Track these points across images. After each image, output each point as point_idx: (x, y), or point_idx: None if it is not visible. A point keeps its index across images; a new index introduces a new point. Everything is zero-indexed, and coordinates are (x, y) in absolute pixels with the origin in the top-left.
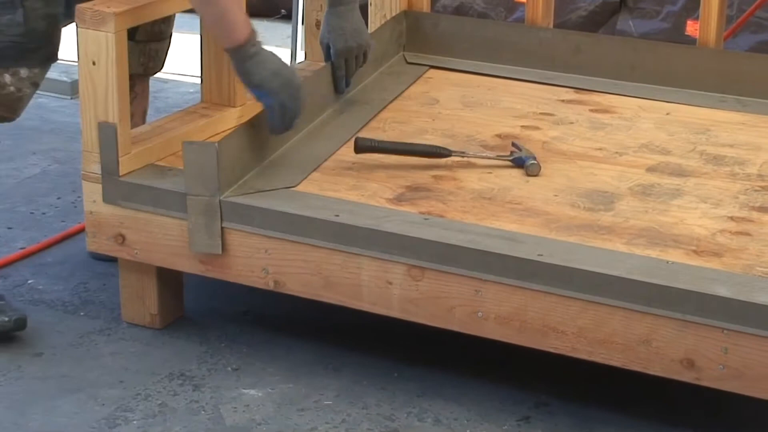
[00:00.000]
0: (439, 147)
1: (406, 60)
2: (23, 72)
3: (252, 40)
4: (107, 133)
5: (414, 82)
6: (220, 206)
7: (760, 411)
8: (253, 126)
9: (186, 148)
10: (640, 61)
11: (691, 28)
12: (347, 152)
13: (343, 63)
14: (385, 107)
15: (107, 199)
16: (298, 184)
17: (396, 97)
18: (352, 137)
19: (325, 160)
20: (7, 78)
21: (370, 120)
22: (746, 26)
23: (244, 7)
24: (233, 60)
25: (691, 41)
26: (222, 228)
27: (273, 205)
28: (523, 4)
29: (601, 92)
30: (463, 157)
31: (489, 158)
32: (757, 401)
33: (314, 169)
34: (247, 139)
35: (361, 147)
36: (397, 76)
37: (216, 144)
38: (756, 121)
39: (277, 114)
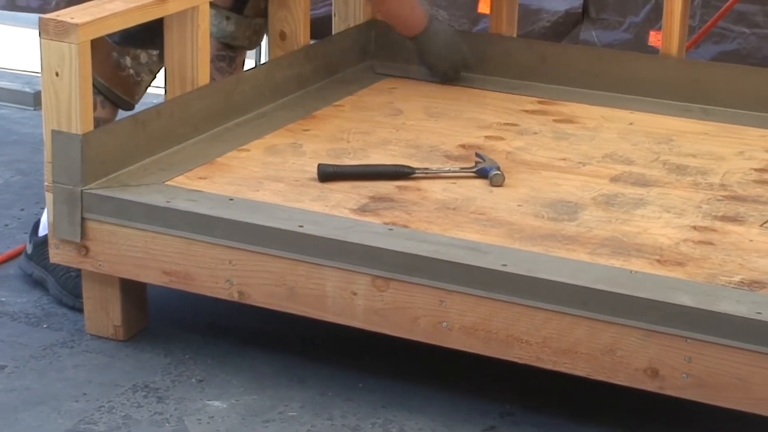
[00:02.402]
0: (403, 166)
1: (374, 69)
2: (143, 57)
3: (426, 28)
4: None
5: (357, 91)
6: (81, 197)
7: (723, 420)
8: (136, 121)
9: (54, 136)
10: (605, 71)
11: (654, 38)
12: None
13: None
14: (311, 114)
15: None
16: (165, 182)
17: (328, 105)
18: (255, 140)
19: (210, 161)
20: (128, 61)
21: (282, 127)
22: (708, 36)
23: (412, 8)
24: (413, 43)
25: (654, 52)
26: (187, 238)
27: (236, 216)
28: (486, 15)
29: (565, 102)
30: (426, 173)
31: (453, 172)
32: (720, 410)
33: (189, 169)
34: (125, 133)
35: (323, 174)
36: (347, 84)
37: (81, 135)
38: (719, 130)
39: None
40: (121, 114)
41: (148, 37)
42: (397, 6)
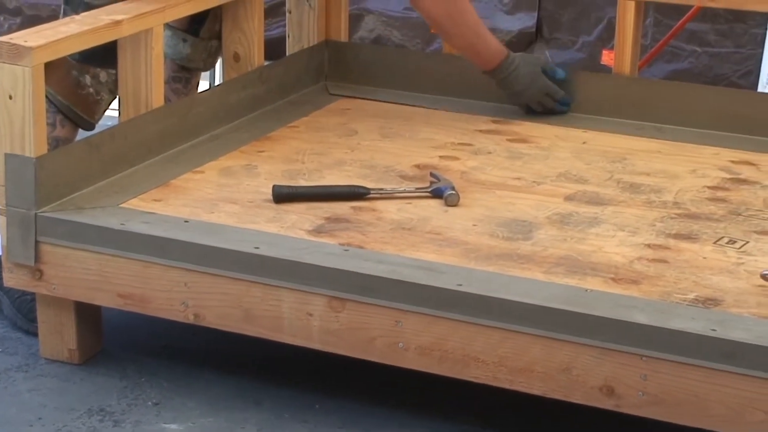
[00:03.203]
0: (358, 187)
1: (328, 90)
2: (103, 76)
3: (504, 62)
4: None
5: (312, 112)
6: (35, 220)
7: None
8: (90, 144)
9: (7, 159)
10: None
11: (607, 57)
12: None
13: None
14: (265, 136)
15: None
16: (119, 204)
17: (283, 126)
18: (210, 162)
19: (164, 183)
20: (88, 79)
21: (237, 148)
22: (661, 55)
23: (483, 41)
24: (493, 78)
25: (606, 71)
26: (139, 260)
27: (191, 238)
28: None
29: (519, 121)
30: (381, 194)
31: (408, 193)
32: (677, 427)
33: (144, 192)
34: (79, 156)
35: (278, 195)
36: (301, 105)
37: (35, 158)
38: (672, 148)
39: (541, 109)
40: (77, 136)
41: (108, 56)
42: (461, 41)
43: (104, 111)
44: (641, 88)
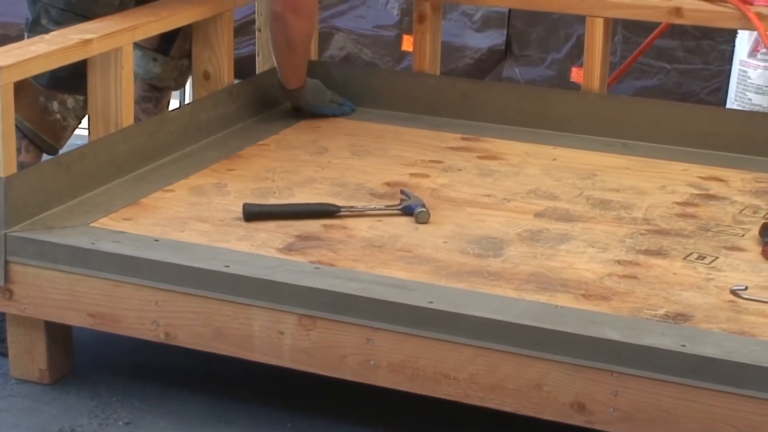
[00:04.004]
0: (329, 204)
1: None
2: (70, 102)
3: (304, 84)
4: None
5: (282, 130)
6: (5, 240)
7: None
8: (60, 164)
9: None
10: (528, 107)
11: (576, 74)
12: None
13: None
14: (235, 154)
15: None
16: (89, 224)
17: (253, 145)
18: (180, 180)
19: (134, 202)
20: (55, 105)
21: (207, 167)
22: (630, 72)
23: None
24: (289, 93)
25: (576, 88)
26: (109, 279)
27: (162, 257)
28: (410, 53)
29: (489, 138)
30: (352, 211)
31: (378, 210)
32: None
33: (114, 211)
34: (48, 175)
35: (249, 214)
36: (271, 123)
37: (4, 178)
38: (641, 165)
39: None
40: (46, 155)
41: (75, 81)
42: (299, 59)
43: (69, 136)
44: (610, 104)
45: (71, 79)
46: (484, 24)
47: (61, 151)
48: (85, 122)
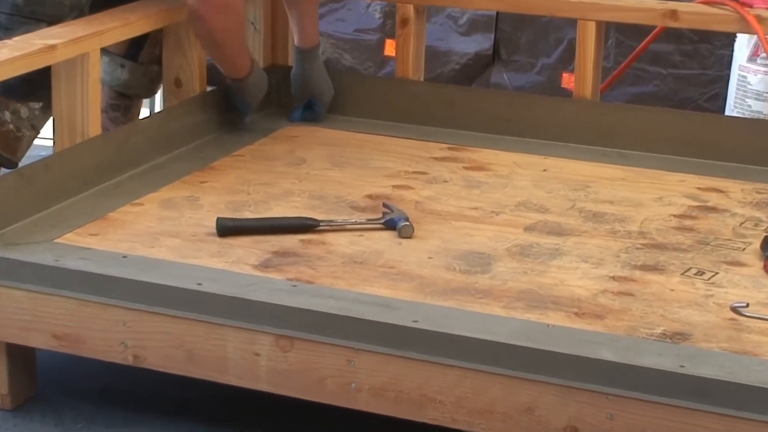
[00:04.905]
0: (307, 218)
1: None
2: (24, 111)
3: (247, 75)
4: None
5: (257, 140)
6: None
7: None
8: (22, 176)
9: None
10: (517, 115)
11: (567, 80)
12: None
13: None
14: (208, 165)
15: None
16: (54, 240)
17: (227, 155)
18: (149, 194)
19: (101, 216)
20: (7, 115)
21: (178, 179)
22: (624, 78)
23: (245, 46)
24: (232, 84)
25: (567, 95)
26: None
27: (130, 274)
28: (392, 58)
29: (476, 148)
30: (332, 226)
31: (359, 224)
32: None
33: (80, 226)
34: (10, 189)
35: (223, 228)
36: (246, 133)
37: None
38: (636, 175)
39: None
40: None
41: (28, 88)
42: (230, 51)
43: (27, 148)
44: (603, 112)
45: (23, 86)
46: (471, 28)
47: (23, 163)
48: (49, 132)
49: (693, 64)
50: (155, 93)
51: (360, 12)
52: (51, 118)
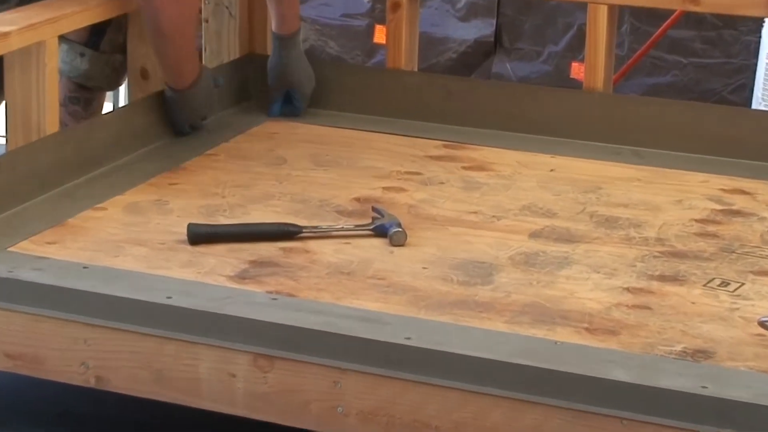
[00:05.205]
0: (288, 224)
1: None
2: None
3: (189, 87)
4: None
5: (233, 137)
6: None
7: None
8: None
9: None
10: (520, 109)
11: (577, 70)
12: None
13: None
14: (178, 166)
15: None
16: (7, 248)
17: (199, 155)
18: (113, 197)
19: (60, 222)
20: None
21: (145, 181)
22: (639, 68)
23: (194, 54)
24: (170, 96)
25: (577, 86)
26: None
27: (92, 287)
28: (383, 46)
29: (476, 146)
30: (316, 232)
31: (346, 231)
32: None
33: (36, 233)
34: None
35: (194, 235)
36: (221, 129)
37: None
38: (653, 176)
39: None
40: None
41: None
42: (175, 51)
43: None
44: (617, 105)
45: None
46: (470, 12)
47: None
48: (1, 128)
49: (716, 52)
50: (119, 85)
51: None
52: (3, 113)
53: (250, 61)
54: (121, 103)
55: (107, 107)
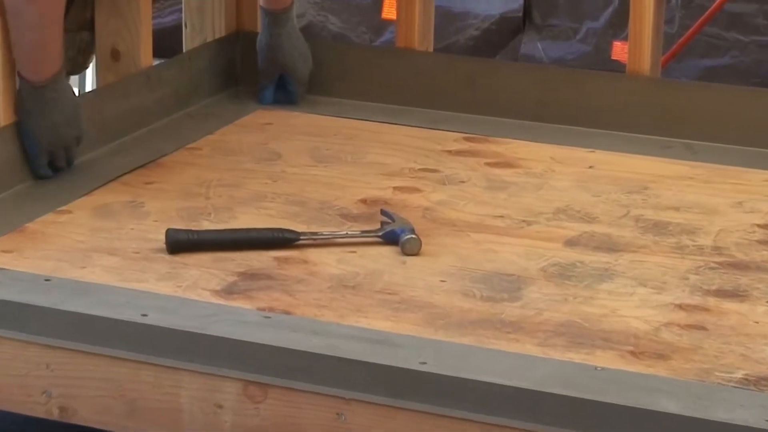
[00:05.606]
0: (283, 230)
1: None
2: None
3: (51, 79)
4: None
5: (219, 129)
6: None
7: None
8: None
9: None
10: (553, 96)
11: (619, 50)
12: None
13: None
14: (155, 161)
15: None
16: None
17: (180, 149)
18: (79, 198)
19: (17, 228)
20: None
21: (117, 179)
22: (692, 48)
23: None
24: (23, 91)
25: (619, 69)
26: None
27: (55, 302)
28: (392, 22)
29: (502, 139)
30: (315, 239)
31: (351, 238)
32: None
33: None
34: None
35: (174, 243)
36: (204, 119)
37: None
38: (709, 174)
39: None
40: None
41: None
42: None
43: None
44: (666, 92)
45: None
46: None
47: None
48: None
49: None
50: (86, 68)
51: None
52: None
53: (237, 40)
54: (88, 87)
55: None
